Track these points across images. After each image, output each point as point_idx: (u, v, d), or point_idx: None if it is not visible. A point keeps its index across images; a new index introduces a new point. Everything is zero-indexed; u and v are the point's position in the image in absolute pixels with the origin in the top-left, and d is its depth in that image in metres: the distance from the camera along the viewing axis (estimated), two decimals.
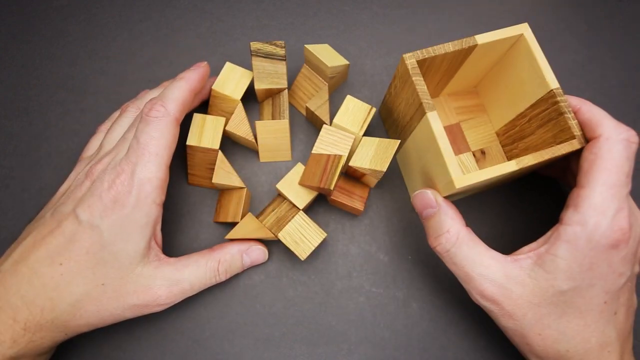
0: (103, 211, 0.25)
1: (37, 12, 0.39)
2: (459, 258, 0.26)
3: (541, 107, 0.28)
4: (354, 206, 0.32)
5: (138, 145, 0.26)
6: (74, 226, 0.25)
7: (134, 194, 0.25)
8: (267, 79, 0.32)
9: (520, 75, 0.29)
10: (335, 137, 0.30)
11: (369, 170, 0.29)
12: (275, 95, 0.34)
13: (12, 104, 0.36)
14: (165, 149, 0.27)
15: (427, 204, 0.27)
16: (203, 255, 0.29)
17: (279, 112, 0.33)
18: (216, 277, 0.29)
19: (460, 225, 0.26)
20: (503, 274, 0.25)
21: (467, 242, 0.26)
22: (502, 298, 0.25)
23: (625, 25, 0.40)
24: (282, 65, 0.32)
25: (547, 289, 0.24)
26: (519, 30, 0.28)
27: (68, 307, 0.25)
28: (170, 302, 0.28)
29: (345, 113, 0.31)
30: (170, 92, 0.28)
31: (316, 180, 0.29)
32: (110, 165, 0.26)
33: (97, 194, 0.25)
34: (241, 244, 0.31)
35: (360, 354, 0.31)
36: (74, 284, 0.25)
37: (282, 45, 0.32)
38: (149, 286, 0.27)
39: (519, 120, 0.31)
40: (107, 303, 0.26)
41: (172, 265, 0.28)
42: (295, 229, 0.30)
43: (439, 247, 0.27)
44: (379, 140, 0.30)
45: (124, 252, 0.26)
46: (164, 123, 0.27)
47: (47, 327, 0.25)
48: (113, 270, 0.26)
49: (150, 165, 0.26)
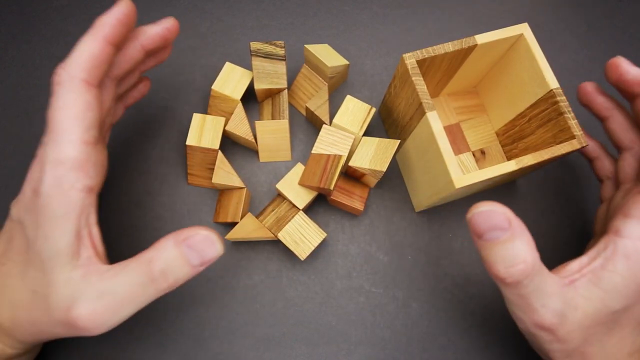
0: (24, 204, 0.22)
1: (37, 12, 0.39)
2: (528, 289, 0.22)
3: (541, 107, 0.28)
4: (354, 206, 0.32)
5: (47, 123, 0.22)
6: (10, 224, 0.23)
7: (47, 180, 0.21)
8: (266, 79, 0.32)
9: (520, 75, 0.29)
10: (335, 137, 0.30)
11: (369, 170, 0.29)
12: (275, 95, 0.34)
13: (12, 104, 0.36)
14: (75, 120, 0.21)
15: (495, 226, 0.21)
16: (135, 257, 0.22)
17: (278, 112, 0.33)
18: (153, 284, 0.22)
19: (536, 253, 0.21)
20: (562, 301, 0.22)
21: (539, 271, 0.21)
22: (559, 326, 0.22)
23: (625, 25, 0.40)
24: (281, 65, 0.32)
25: (601, 310, 0.22)
26: (519, 30, 0.28)
27: (8, 314, 0.23)
28: (93, 324, 0.21)
29: (345, 113, 0.31)
30: (74, 51, 0.23)
31: (316, 180, 0.29)
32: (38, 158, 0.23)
33: (23, 186, 0.23)
34: (176, 234, 0.22)
35: (360, 354, 0.31)
36: (9, 287, 0.23)
37: (282, 45, 0.32)
38: (71, 299, 0.21)
39: (518, 120, 0.31)
40: (37, 315, 0.22)
41: (100, 274, 0.22)
42: (295, 229, 0.30)
43: (509, 278, 0.21)
44: (378, 140, 0.30)
45: (45, 250, 0.21)
46: (68, 89, 0.22)
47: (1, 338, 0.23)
48: (39, 274, 0.22)
49: (60, 144, 0.21)
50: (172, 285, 0.22)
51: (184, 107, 0.36)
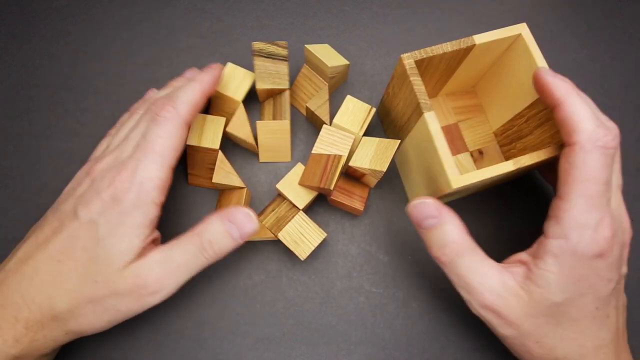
0: (101, 207, 0.25)
1: (37, 12, 0.39)
2: (462, 268, 0.25)
3: (538, 107, 0.28)
4: (354, 206, 0.32)
5: (145, 143, 0.26)
6: (73, 223, 0.25)
7: (134, 192, 0.25)
8: (268, 79, 0.32)
9: (518, 75, 0.29)
10: (336, 137, 0.30)
11: (369, 170, 0.29)
12: (277, 95, 0.34)
13: (12, 104, 0.36)
14: (171, 150, 0.26)
15: (428, 214, 0.25)
16: (186, 232, 0.27)
17: (280, 113, 0.33)
18: (203, 253, 0.26)
19: (465, 234, 0.25)
20: (501, 284, 0.25)
21: (470, 251, 0.25)
22: (501, 308, 0.24)
23: (625, 25, 0.40)
24: (284, 65, 0.32)
25: (541, 302, 0.24)
26: (517, 30, 0.28)
27: (65, 305, 0.25)
28: (159, 287, 0.26)
29: (345, 113, 0.31)
30: (183, 94, 0.28)
31: (316, 180, 0.29)
32: (113, 164, 0.26)
33: (97, 191, 0.25)
34: (221, 211, 0.27)
35: (360, 354, 0.31)
36: (69, 280, 0.25)
37: (284, 46, 0.32)
38: (137, 275, 0.25)
39: (516, 120, 0.31)
40: (101, 300, 0.25)
41: (158, 250, 0.26)
42: (295, 229, 0.30)
43: (443, 257, 0.25)
44: (378, 140, 0.30)
45: (116, 248, 0.25)
46: (173, 124, 0.27)
47: (48, 326, 0.25)
48: (105, 267, 0.25)
49: (154, 164, 0.26)
50: (218, 254, 0.27)
51: None
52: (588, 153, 0.22)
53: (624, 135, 0.36)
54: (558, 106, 0.24)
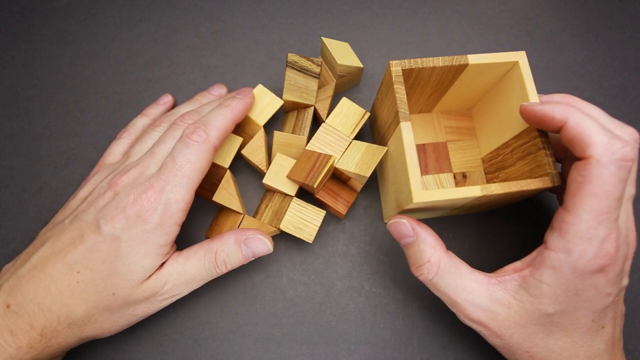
0: (125, 224, 0.25)
1: (37, 12, 0.39)
2: (442, 286, 0.25)
3: (524, 139, 0.27)
4: (337, 209, 0.31)
5: (174, 165, 0.26)
6: (95, 236, 0.25)
7: (159, 212, 0.25)
8: (296, 92, 0.32)
9: (510, 104, 0.29)
10: (332, 138, 0.30)
11: (353, 174, 0.29)
12: (301, 109, 0.33)
13: (12, 104, 0.36)
14: (198, 173, 0.27)
15: (403, 234, 0.26)
16: (202, 245, 0.28)
17: (300, 128, 0.33)
18: (216, 269, 0.28)
19: (441, 253, 0.26)
20: (488, 297, 0.25)
21: (449, 269, 0.25)
22: (488, 320, 0.25)
23: (625, 25, 0.40)
24: (314, 82, 0.32)
25: (533, 312, 0.24)
26: (514, 58, 0.27)
27: (82, 314, 0.25)
28: (176, 292, 0.27)
29: (338, 115, 0.31)
30: (214, 120, 0.28)
31: (303, 176, 0.29)
32: (138, 180, 0.26)
33: (122, 206, 0.25)
34: (238, 233, 0.29)
35: (360, 354, 0.31)
36: (87, 291, 0.25)
37: (318, 63, 0.32)
38: (154, 285, 0.27)
39: (503, 149, 0.30)
40: (118, 309, 0.26)
41: (174, 260, 0.27)
42: (294, 216, 0.30)
43: (421, 276, 0.26)
44: (367, 145, 0.30)
45: (138, 265, 0.26)
46: (204, 149, 0.27)
47: (64, 333, 0.25)
48: (124, 282, 0.25)
49: (181, 187, 0.26)
50: (228, 269, 0.29)
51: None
52: (604, 167, 0.21)
53: None
54: (563, 127, 0.23)
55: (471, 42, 0.39)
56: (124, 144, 0.32)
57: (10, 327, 0.24)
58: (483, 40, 0.39)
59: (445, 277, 0.25)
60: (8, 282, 0.25)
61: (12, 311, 0.24)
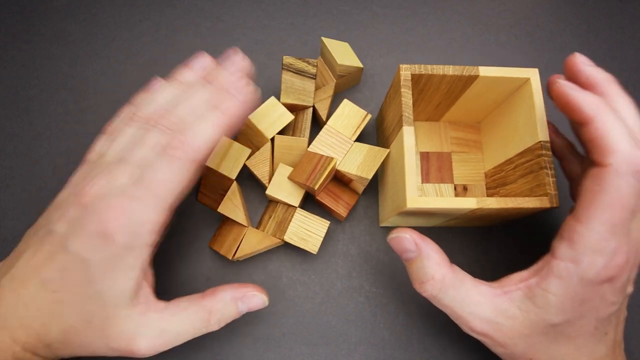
0: (91, 244, 0.23)
1: (37, 12, 0.39)
2: (446, 301, 0.25)
3: (527, 156, 0.27)
4: (338, 211, 0.31)
5: (146, 182, 0.23)
6: (64, 255, 0.23)
7: (127, 235, 0.23)
8: (293, 94, 0.32)
9: (517, 120, 0.28)
10: (334, 140, 0.30)
11: (355, 176, 0.29)
12: (300, 111, 0.33)
13: (12, 104, 0.36)
14: (175, 193, 0.23)
15: (405, 249, 0.25)
16: (192, 301, 0.26)
17: (300, 130, 0.33)
18: (207, 328, 0.26)
19: (446, 269, 0.25)
20: (493, 309, 0.24)
21: (454, 284, 0.24)
22: (492, 332, 0.24)
23: (625, 25, 0.40)
24: (310, 83, 0.32)
25: (538, 322, 0.23)
26: (526, 74, 0.27)
27: (58, 336, 0.24)
28: (150, 353, 0.24)
29: (340, 116, 0.31)
30: (202, 129, 0.23)
31: (304, 177, 0.29)
32: (107, 193, 0.23)
33: (87, 223, 0.23)
34: (235, 290, 0.26)
35: (360, 354, 0.31)
36: (64, 313, 0.24)
37: (314, 64, 0.32)
38: (132, 334, 0.24)
39: (506, 165, 0.30)
40: (92, 340, 0.24)
41: (159, 312, 0.25)
42: (298, 227, 0.30)
43: (424, 293, 0.25)
44: (369, 147, 0.30)
45: (110, 292, 0.23)
46: (185, 167, 0.23)
47: (43, 351, 0.24)
48: (99, 309, 0.23)
49: (152, 208, 0.23)
50: (220, 327, 0.26)
51: None
52: (622, 178, 0.20)
53: None
54: (588, 124, 0.21)
55: (471, 42, 0.39)
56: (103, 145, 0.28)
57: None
58: (483, 40, 0.39)
59: (450, 292, 0.24)
60: None
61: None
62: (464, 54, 0.38)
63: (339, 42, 0.34)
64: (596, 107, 0.21)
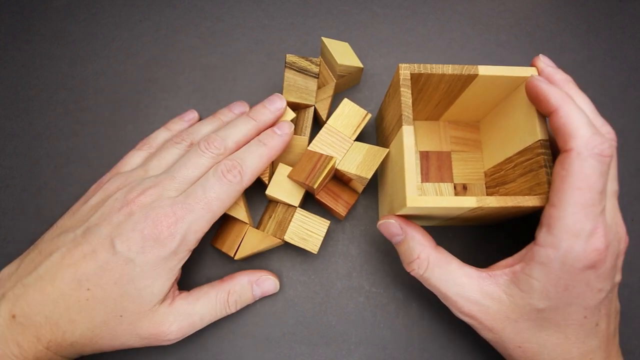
0: (141, 247, 0.25)
1: (37, 12, 0.39)
2: (433, 280, 0.26)
3: (527, 155, 0.27)
4: (337, 210, 0.31)
5: (204, 197, 0.26)
6: (108, 255, 0.25)
7: (177, 240, 0.25)
8: (296, 93, 0.32)
9: (517, 119, 0.28)
10: (334, 139, 0.30)
11: (354, 175, 0.29)
12: (302, 110, 0.33)
13: (12, 104, 0.36)
14: (223, 210, 0.27)
15: (393, 233, 0.27)
16: (213, 286, 0.29)
17: (301, 128, 0.33)
18: (226, 309, 0.29)
19: (430, 249, 0.26)
20: (479, 291, 0.25)
21: (439, 264, 0.26)
22: (479, 314, 0.25)
23: (625, 25, 0.40)
24: (313, 82, 0.32)
25: (524, 306, 0.24)
26: (525, 73, 0.27)
27: (87, 332, 0.25)
28: (179, 337, 0.27)
29: (340, 116, 0.31)
30: (252, 161, 0.28)
31: (304, 176, 0.29)
32: (156, 202, 0.26)
33: (139, 228, 0.25)
34: (251, 274, 0.30)
35: (360, 354, 0.31)
36: (96, 310, 0.25)
37: (317, 63, 0.32)
38: (162, 322, 0.26)
39: (506, 164, 0.30)
40: (121, 334, 0.26)
41: (184, 299, 0.28)
42: (298, 227, 0.30)
43: (412, 272, 0.27)
44: (369, 147, 0.30)
45: (149, 289, 0.25)
46: (236, 190, 0.27)
47: (67, 349, 0.25)
48: (134, 305, 0.25)
49: (204, 220, 0.26)
50: (237, 310, 0.30)
51: (183, 107, 0.36)
52: (584, 160, 0.22)
53: (624, 136, 0.36)
54: (553, 113, 0.24)
55: (471, 42, 0.39)
56: (141, 156, 0.31)
57: (17, 339, 0.24)
58: (483, 40, 0.39)
59: (436, 271, 0.26)
60: (13, 290, 0.24)
61: (18, 322, 0.24)
62: (464, 53, 0.38)
63: (339, 42, 0.34)
64: (561, 98, 0.24)
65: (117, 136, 0.35)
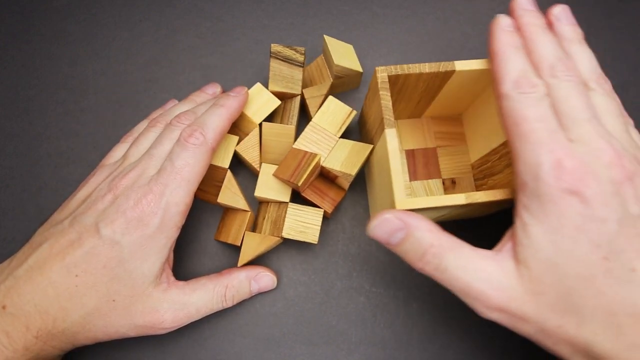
0: (126, 228, 0.25)
1: (37, 12, 0.39)
2: (451, 268, 0.22)
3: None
4: (324, 207, 0.31)
5: (172, 168, 0.26)
6: (94, 240, 0.25)
7: (159, 216, 0.26)
8: (281, 82, 0.32)
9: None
10: (319, 136, 0.30)
11: (339, 172, 0.29)
12: (288, 99, 0.33)
13: (12, 104, 0.36)
14: (197, 175, 0.27)
15: (393, 230, 0.23)
16: (211, 279, 0.29)
17: (287, 117, 0.33)
18: (223, 303, 0.29)
19: (441, 234, 0.23)
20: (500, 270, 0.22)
21: (452, 247, 0.22)
22: (508, 301, 0.21)
23: (625, 25, 0.40)
24: (298, 71, 0.32)
25: (536, 265, 0.21)
26: None
27: (79, 319, 0.25)
28: (174, 326, 0.27)
29: (325, 113, 0.31)
30: (211, 120, 0.28)
31: (288, 174, 0.29)
32: (137, 183, 0.26)
33: (122, 210, 0.25)
34: (249, 270, 0.30)
35: (360, 354, 0.31)
36: (87, 296, 0.25)
37: (302, 52, 0.32)
38: (156, 309, 0.26)
39: (491, 155, 0.30)
40: (115, 320, 0.26)
41: (180, 288, 0.28)
42: (294, 221, 0.30)
43: (426, 266, 0.23)
44: (353, 143, 0.30)
45: (139, 270, 0.26)
46: (201, 151, 0.27)
47: (58, 337, 0.25)
48: (125, 288, 0.26)
49: (180, 190, 0.26)
50: (233, 304, 0.30)
51: None
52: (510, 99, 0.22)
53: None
54: (492, 60, 0.24)
55: (471, 42, 0.39)
56: (124, 147, 0.32)
57: (6, 329, 0.24)
58: (483, 40, 0.39)
59: (451, 258, 0.22)
60: (4, 283, 0.25)
61: (8, 313, 0.24)
62: (464, 53, 0.38)
63: (343, 43, 0.34)
64: (503, 46, 0.24)
65: (117, 136, 0.35)
